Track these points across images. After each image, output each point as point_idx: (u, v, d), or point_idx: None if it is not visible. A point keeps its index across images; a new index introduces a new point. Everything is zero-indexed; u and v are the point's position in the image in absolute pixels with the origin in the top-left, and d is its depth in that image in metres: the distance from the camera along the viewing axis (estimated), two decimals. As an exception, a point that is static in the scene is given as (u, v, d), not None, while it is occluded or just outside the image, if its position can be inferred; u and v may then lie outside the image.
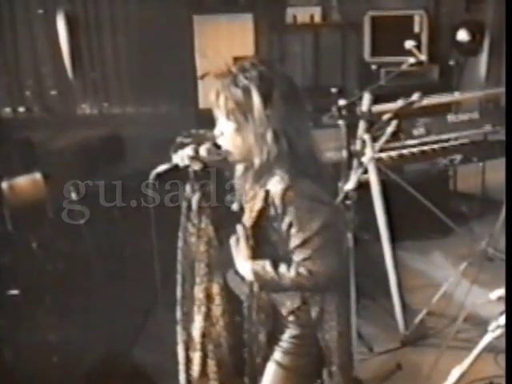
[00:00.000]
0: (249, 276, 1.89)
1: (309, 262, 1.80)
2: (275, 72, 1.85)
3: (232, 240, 1.91)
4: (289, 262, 1.84)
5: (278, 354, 2.00)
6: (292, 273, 1.82)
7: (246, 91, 1.78)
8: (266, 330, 1.97)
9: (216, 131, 1.89)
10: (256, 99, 1.77)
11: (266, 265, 1.85)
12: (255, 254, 1.88)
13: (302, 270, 1.81)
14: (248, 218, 1.87)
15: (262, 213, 1.82)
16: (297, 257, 1.82)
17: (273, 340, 2.00)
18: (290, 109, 1.81)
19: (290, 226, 1.80)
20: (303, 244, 1.80)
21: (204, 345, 2.04)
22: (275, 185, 1.79)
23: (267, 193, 1.81)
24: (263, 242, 1.88)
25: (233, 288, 2.03)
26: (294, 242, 1.81)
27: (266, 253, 1.89)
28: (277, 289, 1.90)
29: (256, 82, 1.78)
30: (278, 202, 1.78)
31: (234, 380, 2.08)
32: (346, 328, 1.98)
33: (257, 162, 1.82)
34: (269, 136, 1.79)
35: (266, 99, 1.78)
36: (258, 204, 1.83)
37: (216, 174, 1.97)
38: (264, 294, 1.94)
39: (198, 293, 2.02)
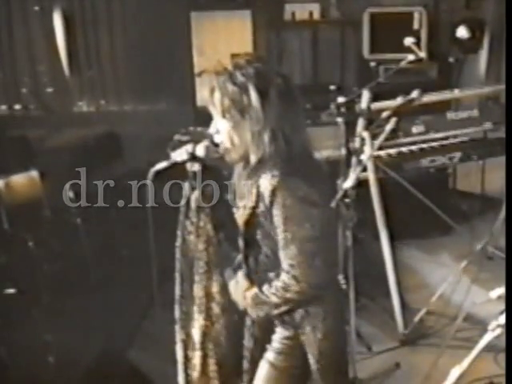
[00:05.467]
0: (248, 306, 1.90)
1: (295, 269, 1.76)
2: (271, 69, 1.83)
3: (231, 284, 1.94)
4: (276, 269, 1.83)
5: (270, 354, 1.98)
6: (278, 284, 1.79)
7: (243, 89, 1.75)
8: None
9: (212, 129, 1.87)
10: (253, 96, 1.74)
11: (256, 291, 1.86)
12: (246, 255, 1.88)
13: (287, 278, 1.77)
14: (241, 215, 1.85)
15: (254, 210, 1.80)
16: (283, 260, 1.78)
17: (268, 340, 1.99)
18: (286, 106, 1.78)
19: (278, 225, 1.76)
20: (288, 247, 1.75)
21: (204, 344, 2.03)
22: (265, 181, 1.75)
23: (258, 188, 1.78)
24: (254, 242, 1.86)
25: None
26: (280, 243, 1.77)
27: (255, 253, 1.88)
28: (269, 312, 1.86)
29: (253, 79, 1.75)
30: (267, 199, 1.75)
31: (234, 379, 2.07)
32: (332, 328, 1.91)
33: (253, 159, 1.80)
34: (266, 134, 1.76)
35: (263, 96, 1.75)
36: (250, 200, 1.80)
37: (215, 173, 1.95)
38: None
39: (198, 291, 2.01)
